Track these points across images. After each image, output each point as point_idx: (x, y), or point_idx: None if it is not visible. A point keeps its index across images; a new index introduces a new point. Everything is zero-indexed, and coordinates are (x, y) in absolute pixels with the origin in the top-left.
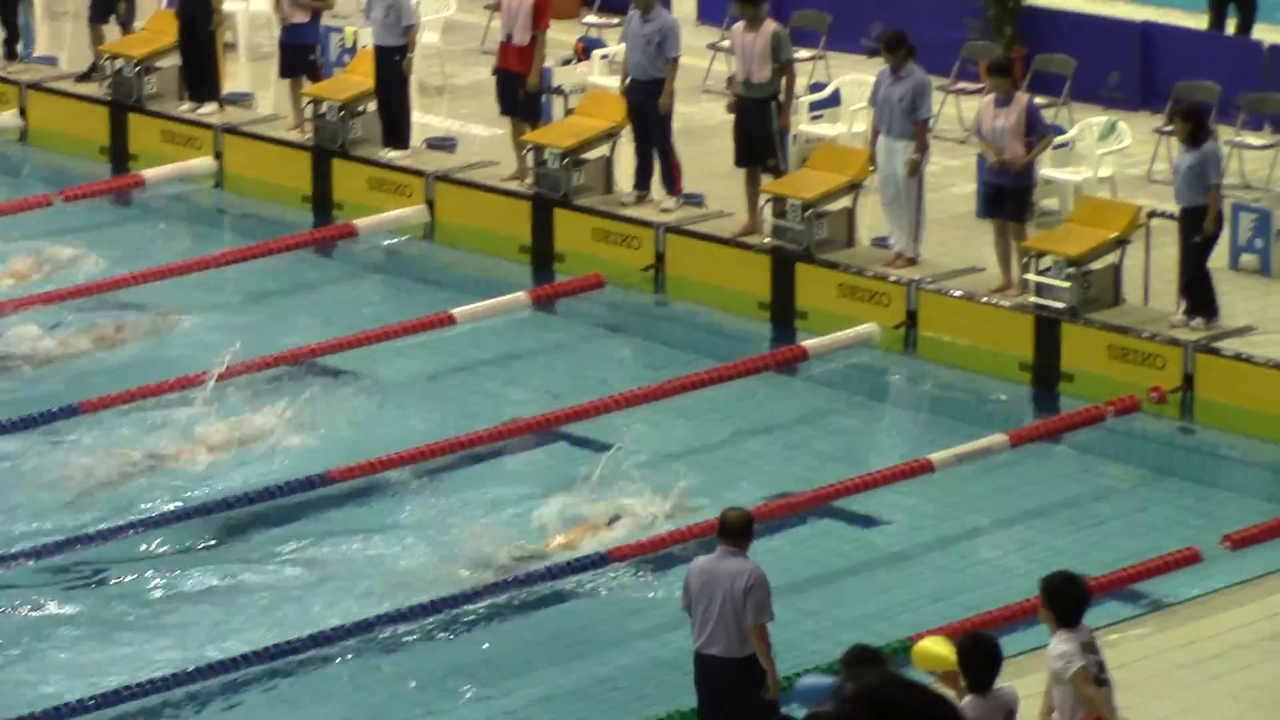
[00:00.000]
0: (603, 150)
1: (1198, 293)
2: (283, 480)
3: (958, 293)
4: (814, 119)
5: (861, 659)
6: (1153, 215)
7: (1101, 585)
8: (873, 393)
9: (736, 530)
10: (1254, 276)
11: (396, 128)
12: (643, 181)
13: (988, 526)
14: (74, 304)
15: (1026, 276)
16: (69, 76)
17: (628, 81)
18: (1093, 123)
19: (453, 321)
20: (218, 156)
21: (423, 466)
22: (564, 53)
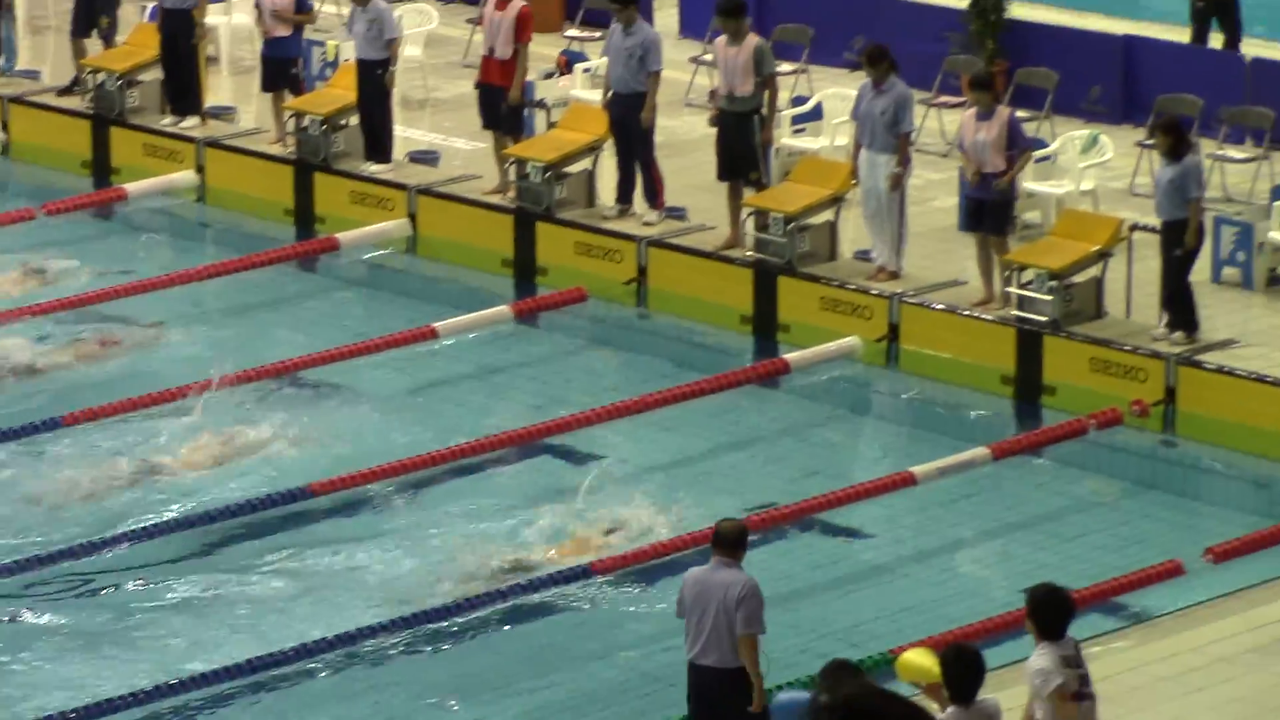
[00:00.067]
0: (585, 164)
1: (1179, 306)
2: (264, 494)
3: (940, 306)
4: (796, 132)
5: (839, 673)
6: (1135, 228)
7: (1084, 598)
8: (855, 406)
9: (730, 541)
10: (1236, 290)
11: (379, 141)
12: (625, 195)
13: (970, 539)
14: (56, 317)
15: (1008, 290)
16: (51, 90)
17: (610, 95)
18: (1074, 136)
19: (435, 335)
20: (200, 170)
21: (405, 480)
22: (546, 66)
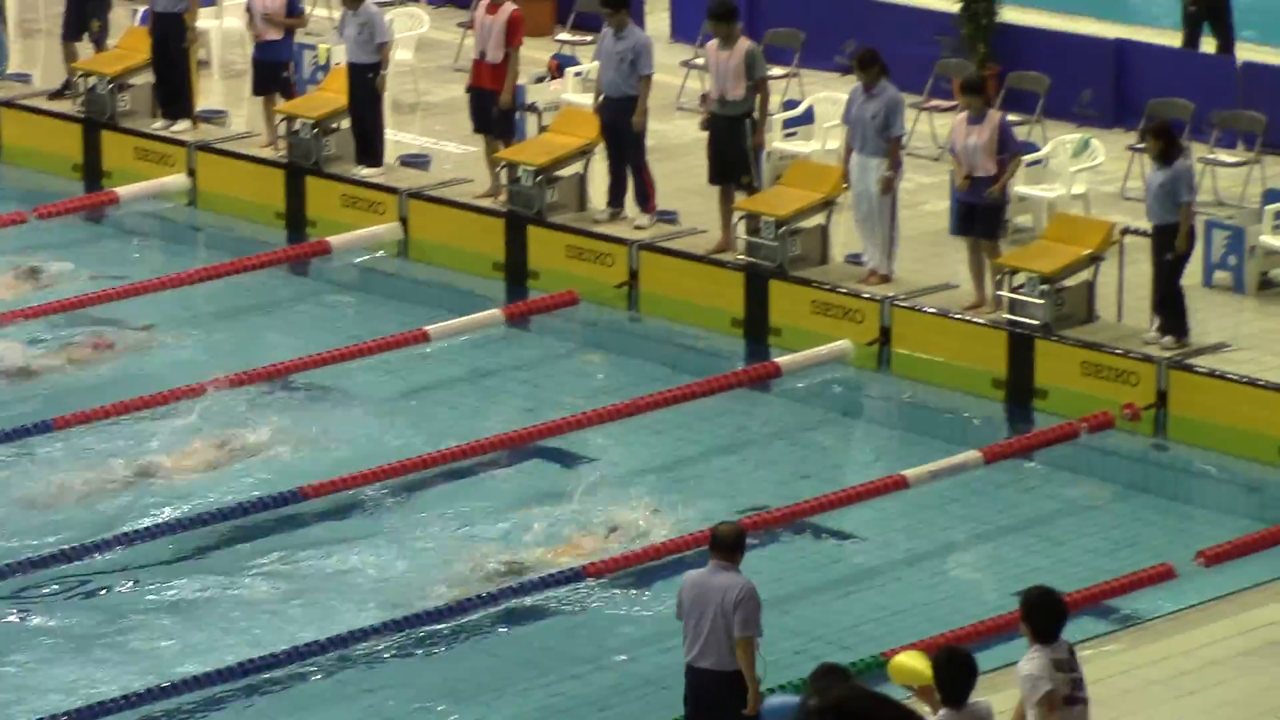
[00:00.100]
0: (576, 168)
1: (1170, 310)
2: (256, 497)
3: (931, 310)
4: (787, 136)
5: (828, 677)
6: (1126, 232)
7: (1075, 601)
8: (846, 409)
9: (728, 544)
10: (1227, 293)
11: (370, 145)
12: (616, 199)
13: (962, 543)
14: (49, 320)
15: (1000, 293)
16: (42, 94)
17: (601, 99)
18: (1066, 140)
19: (427, 339)
20: (191, 174)
21: (397, 483)
22: (537, 70)
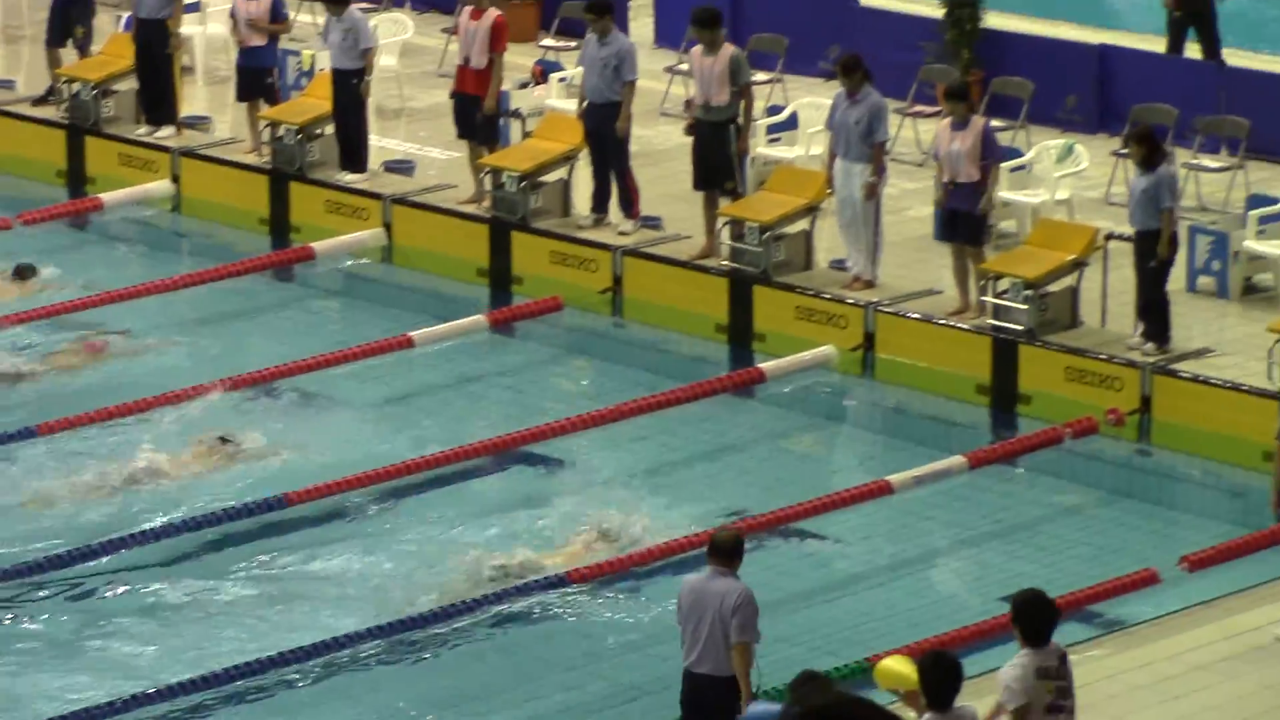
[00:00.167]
0: (560, 173)
1: (1154, 316)
2: (240, 503)
3: (915, 315)
4: (771, 142)
5: (809, 684)
6: (1110, 238)
7: (1060, 607)
8: (831, 415)
9: (726, 550)
10: (1211, 299)
11: (354, 151)
12: (600, 204)
13: (946, 548)
14: (33, 326)
15: (984, 299)
16: (26, 100)
17: (585, 105)
18: (1050, 145)
19: (411, 344)
20: (175, 180)
21: (382, 488)
22: (521, 76)
